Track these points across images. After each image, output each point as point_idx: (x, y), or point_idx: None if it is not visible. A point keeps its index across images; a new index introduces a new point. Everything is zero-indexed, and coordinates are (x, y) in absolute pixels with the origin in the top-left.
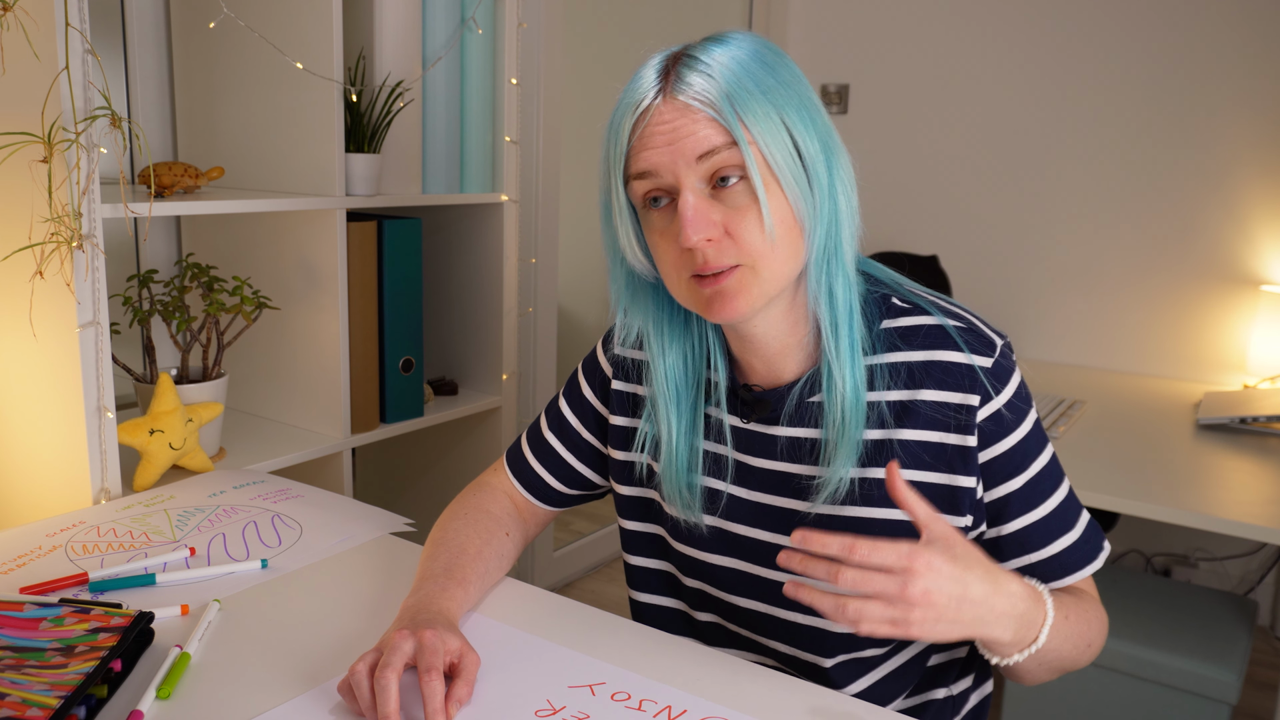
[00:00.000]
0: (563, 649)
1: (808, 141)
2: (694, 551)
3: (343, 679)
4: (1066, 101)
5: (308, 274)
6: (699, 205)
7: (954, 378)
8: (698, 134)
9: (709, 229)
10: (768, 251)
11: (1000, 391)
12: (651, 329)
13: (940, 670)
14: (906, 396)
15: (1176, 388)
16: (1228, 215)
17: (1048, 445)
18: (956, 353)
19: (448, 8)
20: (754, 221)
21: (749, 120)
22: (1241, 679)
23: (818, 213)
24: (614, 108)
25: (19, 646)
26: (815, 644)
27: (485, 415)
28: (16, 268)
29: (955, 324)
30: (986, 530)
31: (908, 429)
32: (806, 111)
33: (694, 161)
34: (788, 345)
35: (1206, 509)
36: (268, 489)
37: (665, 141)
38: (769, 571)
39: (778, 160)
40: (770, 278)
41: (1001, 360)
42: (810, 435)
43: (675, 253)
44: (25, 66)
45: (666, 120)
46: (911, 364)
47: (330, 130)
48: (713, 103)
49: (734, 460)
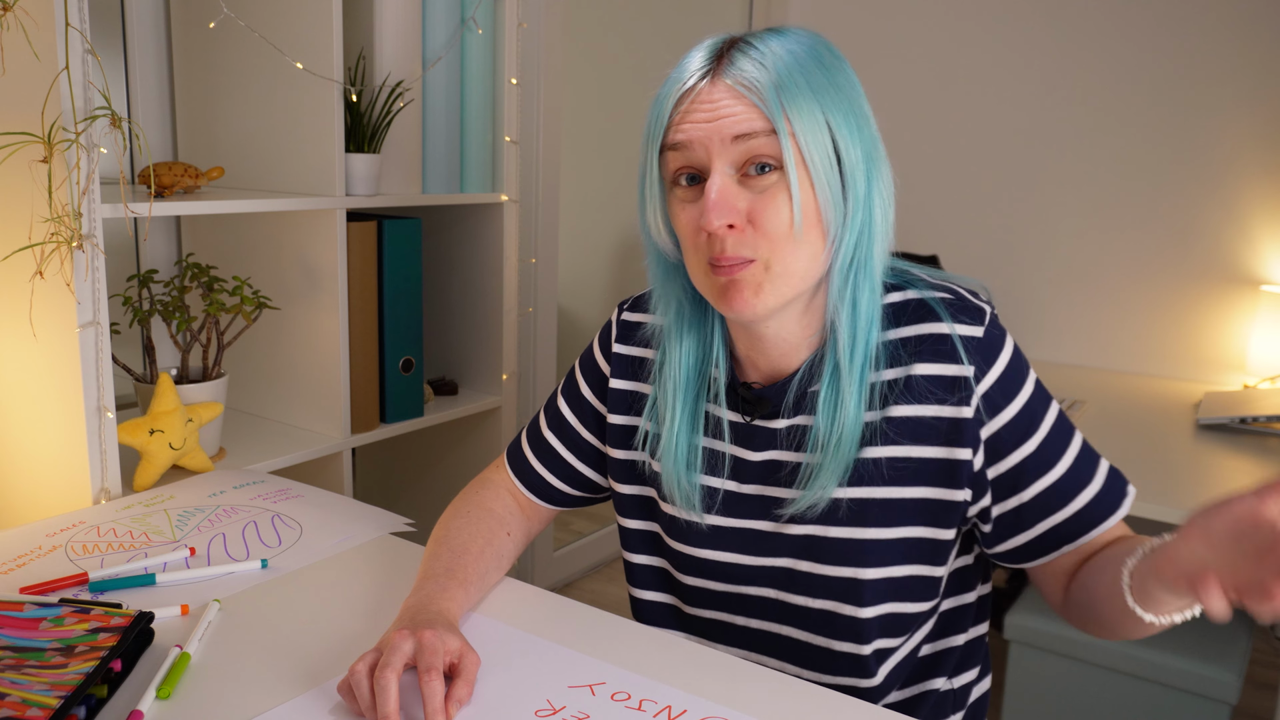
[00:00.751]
0: (563, 649)
1: (849, 148)
2: (691, 549)
3: (342, 679)
4: (1066, 102)
5: (308, 274)
6: (725, 188)
7: (947, 350)
8: (738, 115)
9: (732, 214)
10: (788, 246)
11: (996, 359)
12: (674, 313)
13: (936, 660)
14: (900, 373)
15: (1176, 388)
16: (1228, 215)
17: (1052, 402)
18: (947, 324)
19: (448, 8)
20: (780, 213)
21: (793, 114)
22: (1241, 679)
23: (849, 220)
24: (663, 83)
25: (19, 646)
26: (825, 626)
27: (485, 415)
28: (16, 268)
29: (943, 295)
30: (1004, 501)
31: (902, 405)
32: (854, 118)
33: (729, 142)
34: (797, 345)
35: None
36: (268, 489)
37: (704, 118)
38: (768, 560)
39: (815, 159)
40: (785, 275)
41: (992, 329)
42: (808, 423)
43: (695, 235)
44: (25, 66)
45: (711, 99)
46: (903, 339)
47: (330, 130)
48: (759, 90)
49: (731, 456)
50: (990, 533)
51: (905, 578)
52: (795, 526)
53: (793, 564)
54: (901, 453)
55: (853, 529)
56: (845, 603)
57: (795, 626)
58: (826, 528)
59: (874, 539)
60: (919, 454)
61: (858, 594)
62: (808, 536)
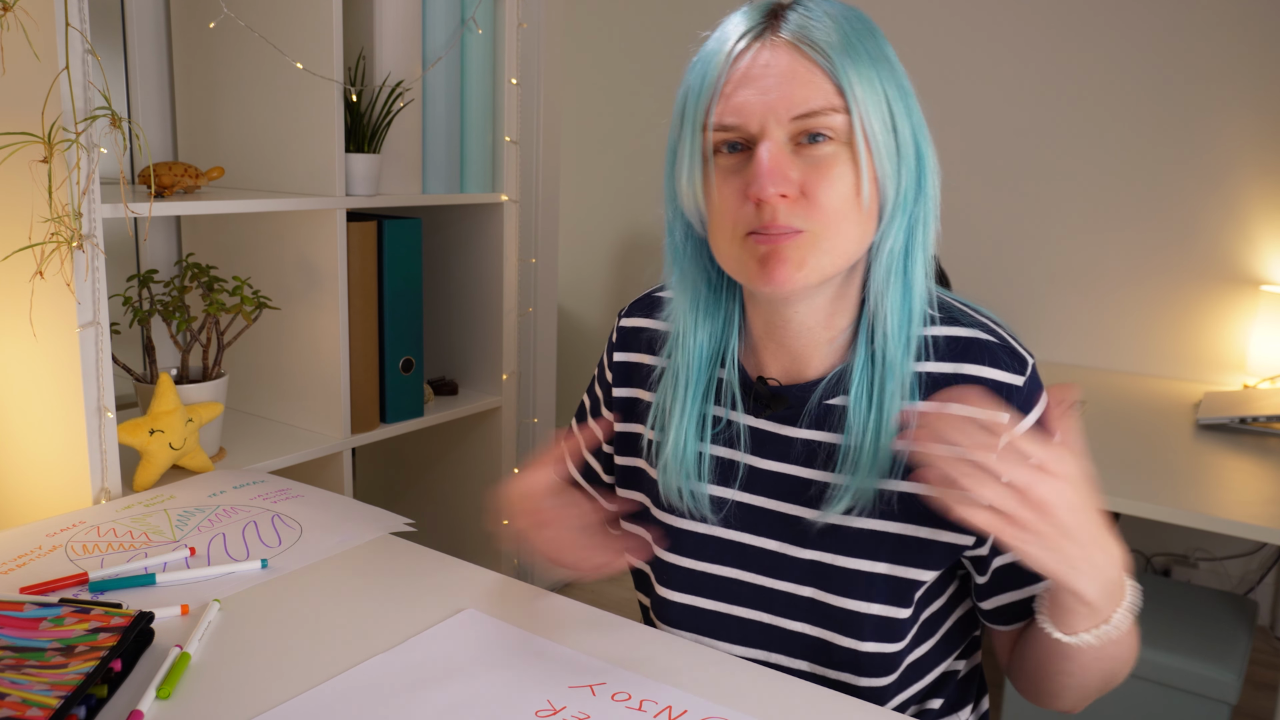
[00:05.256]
0: (563, 649)
1: (904, 126)
2: (690, 562)
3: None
4: (1066, 101)
5: (308, 274)
6: (779, 156)
7: (986, 396)
8: (801, 85)
9: (786, 184)
10: (840, 220)
11: (1030, 411)
12: (689, 298)
13: (934, 690)
14: (934, 409)
15: (1176, 388)
16: (1228, 215)
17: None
18: (988, 369)
19: (448, 8)
20: (834, 185)
21: (859, 80)
22: (1241, 679)
23: (900, 198)
24: (703, 45)
25: (19, 646)
26: (821, 654)
27: (485, 415)
28: (16, 268)
29: (989, 338)
30: (1004, 554)
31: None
32: (910, 98)
33: (787, 119)
34: (818, 340)
35: (1206, 509)
36: (268, 489)
37: (762, 88)
38: (774, 582)
39: (875, 131)
40: (831, 252)
41: (1032, 381)
42: (831, 440)
43: (737, 204)
44: (25, 66)
45: (769, 63)
46: (942, 375)
47: (330, 130)
48: (826, 52)
49: (745, 465)
50: (984, 585)
51: (899, 617)
52: (805, 550)
53: (794, 589)
54: (922, 490)
55: (861, 561)
56: (844, 635)
57: (786, 654)
58: (835, 556)
59: (882, 574)
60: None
61: (858, 627)
62: (815, 562)
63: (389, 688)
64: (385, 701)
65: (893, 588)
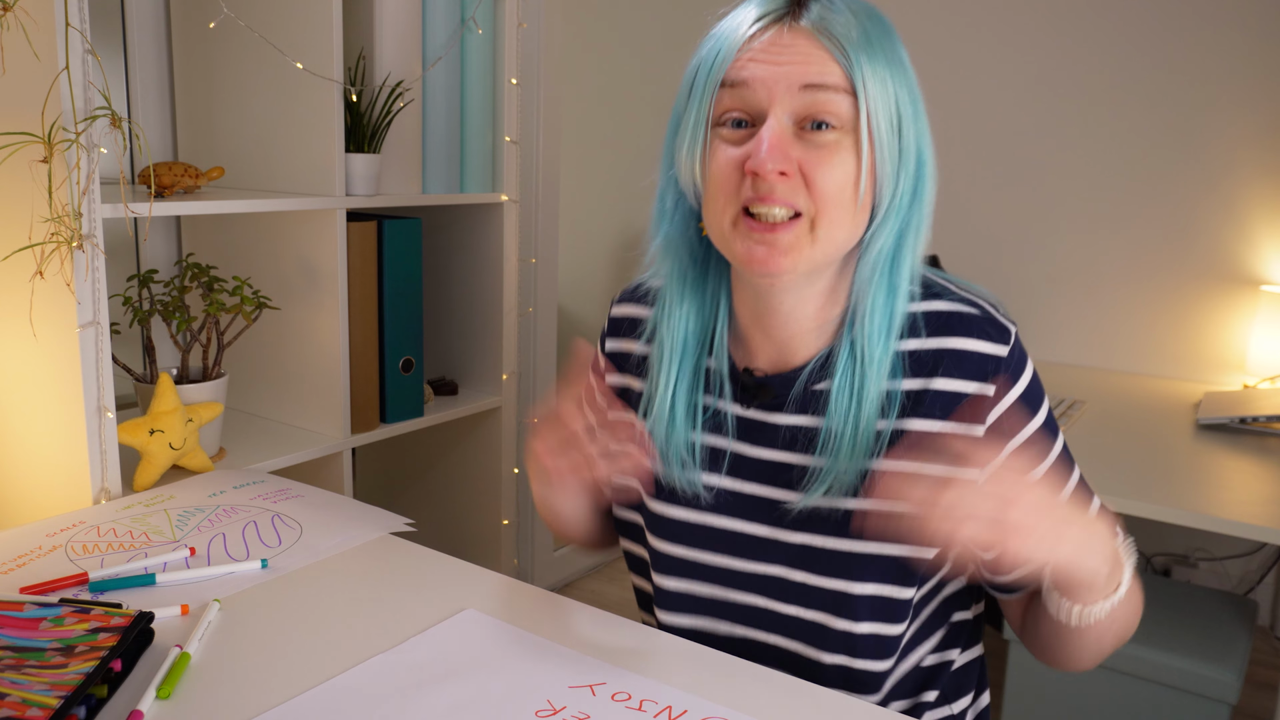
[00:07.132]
0: (563, 649)
1: (910, 130)
2: (682, 549)
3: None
4: (1065, 101)
5: (308, 274)
6: (782, 133)
7: (970, 367)
8: (812, 65)
9: (785, 162)
10: (834, 207)
11: (1016, 381)
12: (675, 276)
13: (931, 676)
14: (919, 385)
15: (1176, 388)
16: (1227, 215)
17: (1059, 435)
18: (973, 340)
19: (448, 8)
20: (834, 172)
21: (869, 76)
22: (1241, 679)
23: (895, 201)
24: (718, 23)
25: (19, 646)
26: (816, 636)
27: (485, 415)
28: (16, 268)
29: (971, 310)
30: None
31: (917, 419)
32: (919, 105)
33: (796, 90)
34: (805, 329)
35: (1206, 509)
36: (268, 489)
37: (774, 60)
38: (764, 566)
39: (880, 127)
40: (825, 241)
41: (1016, 349)
42: (814, 424)
43: (735, 178)
44: (25, 66)
45: (783, 43)
46: (925, 351)
47: (330, 130)
48: (841, 43)
49: (731, 452)
50: (988, 560)
51: (891, 597)
52: (792, 534)
53: (785, 573)
54: (910, 469)
55: (849, 541)
56: (838, 616)
57: (784, 636)
58: (824, 538)
59: (872, 554)
60: (926, 472)
61: (851, 608)
62: (804, 546)
63: (389, 688)
64: (385, 701)
65: (889, 566)
